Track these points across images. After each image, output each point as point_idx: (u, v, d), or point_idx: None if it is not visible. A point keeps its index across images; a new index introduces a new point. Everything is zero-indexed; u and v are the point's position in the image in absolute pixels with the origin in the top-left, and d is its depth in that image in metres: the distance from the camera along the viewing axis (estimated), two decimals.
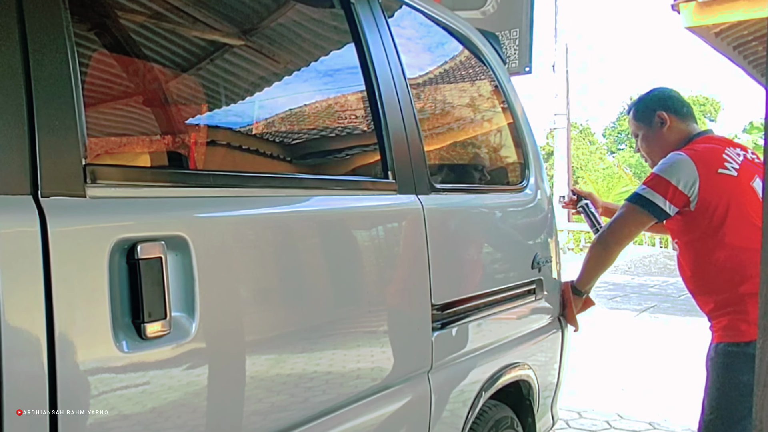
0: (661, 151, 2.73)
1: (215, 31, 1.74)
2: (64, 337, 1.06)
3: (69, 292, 1.07)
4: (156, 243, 1.19)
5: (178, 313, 1.23)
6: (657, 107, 2.78)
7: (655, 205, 2.54)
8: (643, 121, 2.81)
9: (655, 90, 2.89)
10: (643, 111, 2.81)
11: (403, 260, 1.93)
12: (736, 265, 2.48)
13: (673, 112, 2.77)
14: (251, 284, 1.44)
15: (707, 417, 2.52)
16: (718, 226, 2.50)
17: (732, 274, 2.50)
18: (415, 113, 2.06)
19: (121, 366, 1.14)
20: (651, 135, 2.79)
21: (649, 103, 2.81)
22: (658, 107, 2.78)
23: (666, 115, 2.76)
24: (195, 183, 1.41)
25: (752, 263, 2.15)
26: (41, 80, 1.09)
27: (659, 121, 2.76)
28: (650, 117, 2.78)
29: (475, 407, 2.17)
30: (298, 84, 1.99)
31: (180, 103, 1.76)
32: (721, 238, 2.51)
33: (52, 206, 1.07)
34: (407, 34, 2.37)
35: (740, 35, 6.62)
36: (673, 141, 2.73)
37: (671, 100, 2.81)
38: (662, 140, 2.77)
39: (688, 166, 2.52)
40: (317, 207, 1.71)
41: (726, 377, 2.47)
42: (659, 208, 2.54)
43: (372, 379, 1.75)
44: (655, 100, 2.82)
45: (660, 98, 2.82)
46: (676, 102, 2.81)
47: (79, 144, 1.13)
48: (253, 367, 1.41)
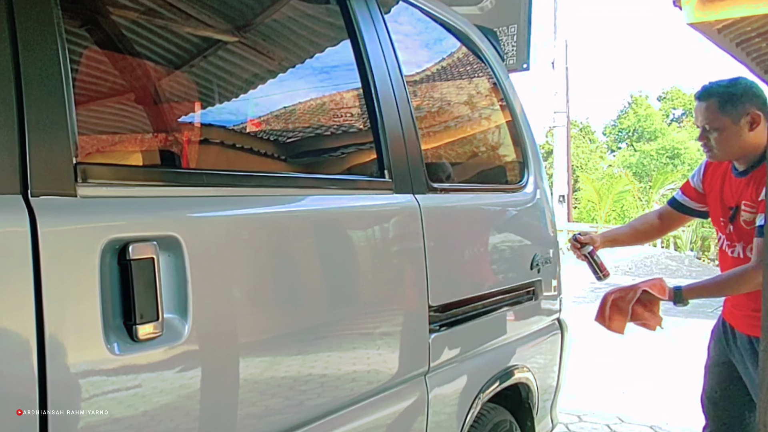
0: (741, 151, 2.59)
1: (208, 28, 1.74)
2: (55, 339, 1.06)
3: (59, 293, 1.08)
4: (148, 243, 1.20)
5: (171, 314, 1.24)
6: (750, 105, 2.58)
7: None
8: (730, 115, 2.57)
9: (743, 80, 2.65)
10: (732, 103, 2.57)
11: (400, 261, 1.93)
12: None
13: (764, 113, 2.59)
14: (245, 285, 1.44)
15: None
16: None
17: None
18: (412, 111, 2.07)
19: (113, 368, 1.15)
20: (734, 132, 2.57)
21: (741, 96, 2.59)
22: (751, 105, 2.58)
23: (760, 115, 2.57)
24: (188, 182, 1.41)
25: None
26: (31, 77, 1.09)
27: (750, 120, 2.57)
28: (740, 112, 2.57)
29: (472, 410, 2.18)
30: (293, 81, 1.99)
31: (173, 101, 1.76)
32: None
33: (42, 206, 1.07)
34: (404, 30, 2.38)
35: (743, 32, 6.62)
36: (757, 144, 2.58)
37: (763, 98, 2.62)
38: (745, 141, 2.58)
39: None
40: (312, 207, 1.71)
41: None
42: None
43: (368, 381, 1.76)
44: (750, 95, 2.60)
45: (754, 94, 2.61)
46: (766, 100, 2.62)
47: (70, 142, 1.13)
48: (246, 370, 1.41)
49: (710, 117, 2.60)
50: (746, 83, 2.62)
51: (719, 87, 2.62)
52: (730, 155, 2.61)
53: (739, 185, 2.64)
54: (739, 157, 2.61)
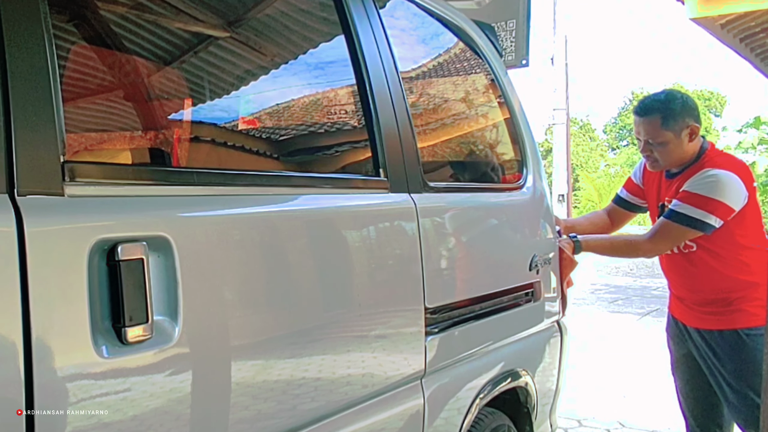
0: (680, 160, 2.90)
1: (199, 23, 1.74)
2: (42, 342, 1.06)
3: (46, 294, 1.08)
4: (137, 244, 1.20)
5: (161, 316, 1.24)
6: (689, 118, 2.87)
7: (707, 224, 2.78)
8: (672, 130, 2.86)
9: (679, 96, 2.96)
10: (674, 119, 2.86)
11: (395, 262, 1.94)
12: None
13: (698, 123, 2.88)
14: (237, 287, 1.44)
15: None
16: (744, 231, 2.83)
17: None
18: (407, 108, 2.07)
19: (101, 372, 1.15)
20: (677, 144, 2.87)
21: (682, 112, 2.87)
22: (689, 118, 2.87)
23: (698, 127, 2.87)
24: (178, 181, 1.41)
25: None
26: (17, 73, 1.09)
27: (689, 132, 2.86)
28: (680, 126, 2.85)
29: (470, 415, 2.18)
30: (286, 78, 1.99)
31: (163, 98, 1.76)
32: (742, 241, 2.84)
33: (28, 205, 1.07)
34: (400, 25, 2.38)
35: (747, 26, 6.64)
36: (693, 153, 2.90)
37: (697, 110, 2.92)
38: (685, 150, 2.89)
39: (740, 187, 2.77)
40: (305, 206, 1.71)
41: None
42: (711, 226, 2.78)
43: (363, 385, 1.76)
44: (687, 110, 2.88)
45: (690, 108, 2.90)
46: (698, 111, 2.93)
47: (58, 140, 1.13)
48: (238, 374, 1.41)
49: (654, 133, 2.89)
50: (683, 97, 2.95)
51: (658, 103, 2.91)
52: (673, 164, 2.94)
53: (670, 185, 2.98)
54: (678, 165, 2.93)
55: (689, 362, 3.06)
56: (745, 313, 2.80)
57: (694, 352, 3.00)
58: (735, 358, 2.81)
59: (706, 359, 2.92)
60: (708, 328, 2.89)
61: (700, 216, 2.75)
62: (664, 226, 2.87)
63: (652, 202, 3.16)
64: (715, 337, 2.86)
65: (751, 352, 2.74)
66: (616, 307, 10.02)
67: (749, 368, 2.74)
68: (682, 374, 3.15)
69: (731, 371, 2.82)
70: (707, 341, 2.90)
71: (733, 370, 2.81)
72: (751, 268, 2.81)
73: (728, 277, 2.83)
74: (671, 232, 2.85)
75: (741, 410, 2.82)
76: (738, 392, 2.80)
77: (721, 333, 2.84)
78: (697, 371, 3.03)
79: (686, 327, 3.03)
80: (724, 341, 2.83)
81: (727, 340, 2.82)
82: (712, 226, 2.75)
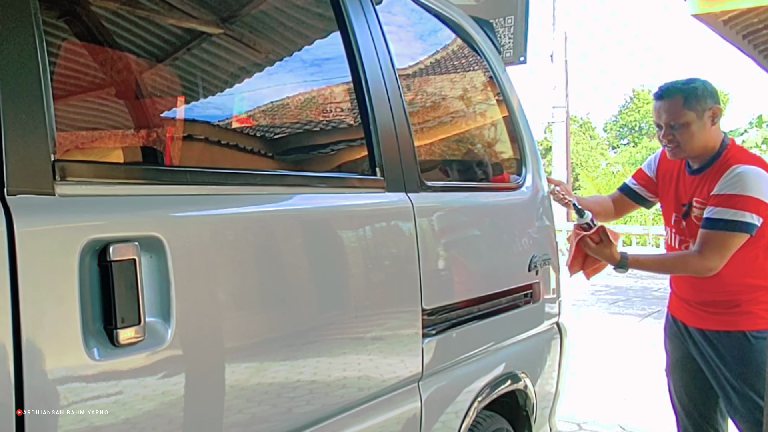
0: (703, 146, 2.81)
1: (192, 19, 1.75)
2: (32, 344, 1.07)
3: (37, 296, 1.08)
4: (129, 244, 1.20)
5: (153, 318, 1.24)
6: (710, 99, 2.79)
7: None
8: (695, 110, 2.77)
9: (698, 79, 2.86)
10: (696, 98, 2.78)
11: (392, 262, 1.94)
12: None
13: (720, 105, 2.81)
14: (231, 288, 1.44)
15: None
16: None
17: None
18: (404, 106, 2.07)
19: (92, 374, 1.15)
20: (699, 126, 2.78)
21: (705, 92, 2.80)
22: (711, 100, 2.79)
23: (720, 109, 2.79)
24: (171, 180, 1.41)
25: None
26: (7, 71, 1.09)
27: (712, 115, 2.79)
28: (703, 106, 2.77)
29: (468, 418, 2.19)
30: (281, 75, 2.00)
31: (155, 96, 1.76)
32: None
33: (19, 205, 1.07)
34: (396, 21, 2.38)
35: (750, 23, 6.65)
36: (716, 142, 2.82)
37: (717, 94, 2.85)
38: (708, 135, 2.80)
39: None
40: (301, 206, 1.71)
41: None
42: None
43: (359, 388, 1.76)
44: (708, 91, 2.81)
45: (711, 90, 2.83)
46: (719, 96, 2.85)
47: (48, 139, 1.13)
48: (232, 376, 1.41)
49: (676, 114, 2.79)
50: (702, 81, 2.86)
51: (679, 84, 2.85)
52: (695, 150, 2.82)
53: (692, 183, 2.88)
54: (699, 154, 2.83)
55: (687, 364, 3.05)
56: (754, 316, 2.79)
57: (694, 352, 2.99)
58: (740, 359, 2.81)
59: (708, 360, 2.91)
60: (713, 329, 2.88)
61: (739, 217, 2.66)
62: (707, 238, 2.74)
63: (667, 199, 3.05)
64: (721, 338, 2.85)
65: (756, 354, 2.75)
66: (617, 309, 10.03)
67: (753, 370, 2.74)
68: (679, 376, 3.14)
69: (735, 372, 2.82)
70: (711, 342, 2.89)
71: (737, 371, 2.82)
72: (763, 272, 2.80)
73: (739, 280, 2.81)
74: (715, 242, 2.72)
75: (742, 412, 2.83)
76: (740, 394, 2.81)
77: (728, 333, 2.83)
78: (696, 373, 3.02)
79: (687, 327, 3.01)
80: (730, 342, 2.83)
81: (733, 341, 2.82)
82: (754, 225, 2.66)
